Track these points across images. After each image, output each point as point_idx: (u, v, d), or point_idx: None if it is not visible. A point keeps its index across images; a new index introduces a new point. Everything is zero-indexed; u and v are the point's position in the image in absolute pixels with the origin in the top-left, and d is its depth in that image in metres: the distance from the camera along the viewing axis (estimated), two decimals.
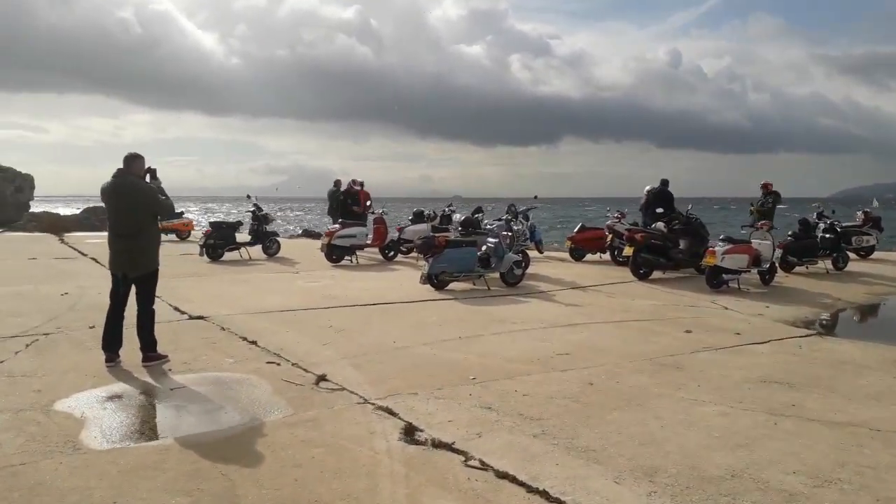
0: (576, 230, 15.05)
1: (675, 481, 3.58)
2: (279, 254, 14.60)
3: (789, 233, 13.02)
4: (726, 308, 9.08)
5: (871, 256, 15.22)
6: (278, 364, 5.79)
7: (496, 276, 10.67)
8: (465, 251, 10.33)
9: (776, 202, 14.05)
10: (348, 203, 15.53)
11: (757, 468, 3.76)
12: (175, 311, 7.97)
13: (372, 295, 9.49)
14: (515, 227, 12.32)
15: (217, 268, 12.70)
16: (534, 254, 14.19)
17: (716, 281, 10.55)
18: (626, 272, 11.89)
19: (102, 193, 5.71)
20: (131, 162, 5.70)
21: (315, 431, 4.23)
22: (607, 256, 14.17)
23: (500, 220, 12.97)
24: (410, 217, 15.55)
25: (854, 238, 14.90)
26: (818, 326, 8.23)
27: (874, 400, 5.07)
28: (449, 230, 13.46)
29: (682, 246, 11.86)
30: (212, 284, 10.58)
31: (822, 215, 13.79)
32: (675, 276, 12.01)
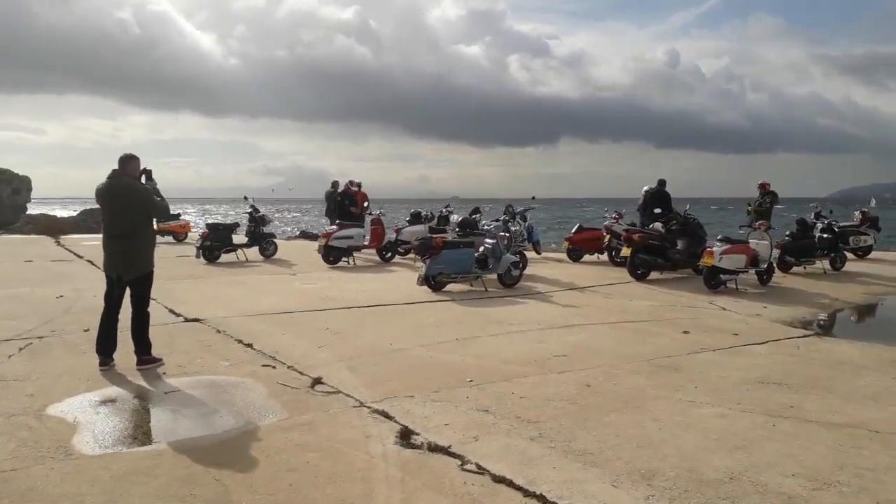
0: (573, 231, 15.02)
1: (672, 484, 3.56)
2: (276, 255, 14.57)
3: (787, 233, 13.00)
4: (724, 308, 9.06)
5: (869, 256, 15.21)
6: (274, 367, 5.76)
7: (493, 277, 10.64)
8: (463, 252, 10.30)
9: (774, 202, 14.02)
10: (346, 204, 15.47)
11: (755, 470, 3.74)
12: (170, 314, 7.93)
13: (369, 296, 9.46)
14: (513, 228, 12.30)
15: (213, 269, 12.66)
16: (531, 255, 14.16)
17: (713, 281, 10.53)
18: (623, 273, 11.86)
19: (97, 195, 5.68)
20: (126, 163, 5.68)
21: (310, 435, 4.20)
22: (605, 257, 14.15)
23: (498, 220, 12.95)
24: (408, 218, 15.51)
25: (852, 238, 14.89)
26: (816, 327, 8.21)
27: (872, 401, 5.05)
28: (446, 231, 13.43)
29: (679, 246, 11.84)
30: (208, 286, 10.54)
31: (819, 215, 13.78)
32: (673, 276, 11.99)
